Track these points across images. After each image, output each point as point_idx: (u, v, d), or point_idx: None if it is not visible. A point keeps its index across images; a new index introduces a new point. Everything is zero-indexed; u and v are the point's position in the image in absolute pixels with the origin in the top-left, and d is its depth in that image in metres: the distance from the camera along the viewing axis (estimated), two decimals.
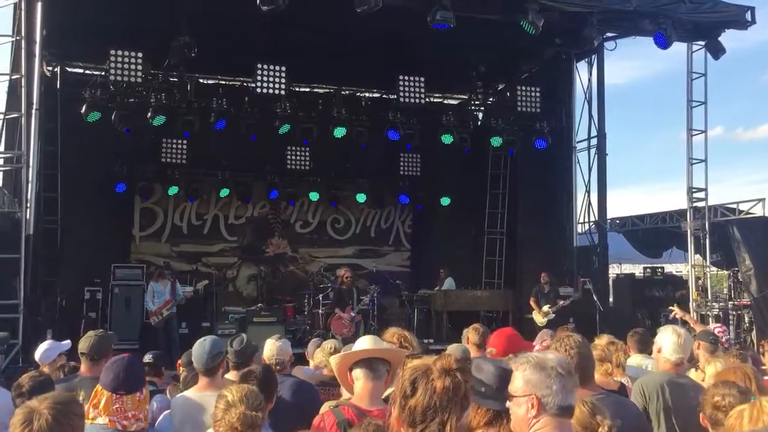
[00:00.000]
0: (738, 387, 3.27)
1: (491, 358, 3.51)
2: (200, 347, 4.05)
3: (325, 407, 3.15)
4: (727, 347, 6.13)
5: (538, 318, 12.47)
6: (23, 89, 10.15)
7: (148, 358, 5.45)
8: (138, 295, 12.88)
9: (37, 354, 5.33)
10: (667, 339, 4.32)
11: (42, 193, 11.82)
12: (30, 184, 10.32)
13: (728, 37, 11.43)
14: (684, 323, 7.94)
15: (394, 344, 3.63)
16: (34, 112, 10.46)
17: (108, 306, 12.91)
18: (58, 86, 13.18)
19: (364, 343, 3.20)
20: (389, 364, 3.04)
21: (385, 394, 3.01)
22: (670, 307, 7.75)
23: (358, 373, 3.04)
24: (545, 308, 12.43)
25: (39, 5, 10.52)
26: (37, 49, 10.64)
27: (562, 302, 12.28)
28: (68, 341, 5.46)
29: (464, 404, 2.18)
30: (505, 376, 2.69)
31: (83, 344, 4.47)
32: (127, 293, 13.01)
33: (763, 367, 4.81)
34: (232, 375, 4.27)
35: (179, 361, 5.80)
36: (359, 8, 9.23)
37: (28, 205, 10.23)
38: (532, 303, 12.74)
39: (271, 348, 4.73)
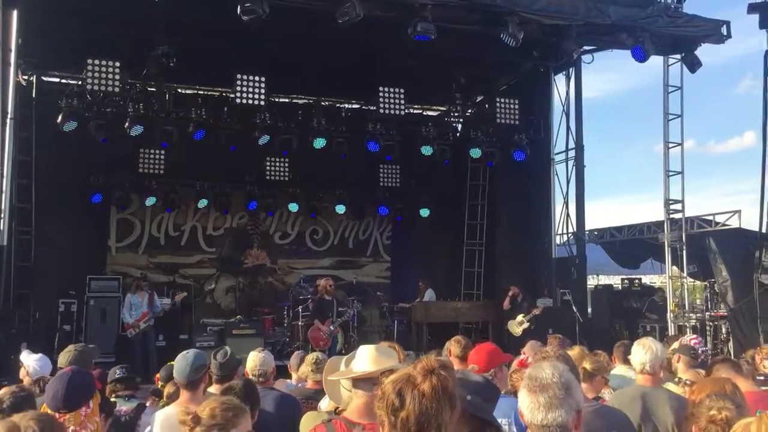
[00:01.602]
0: (734, 400, 3.23)
1: (475, 373, 3.48)
2: (183, 359, 3.97)
3: (314, 419, 3.08)
4: (704, 359, 6.14)
5: (514, 329, 12.55)
6: None
7: (119, 372, 5.30)
8: (114, 307, 12.73)
9: (32, 366, 5.18)
10: (636, 353, 4.34)
11: (16, 203, 11.63)
12: (4, 195, 10.17)
13: (700, 51, 11.61)
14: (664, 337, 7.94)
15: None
16: (8, 121, 10.33)
17: (83, 318, 12.74)
18: (33, 95, 13.02)
19: (366, 360, 3.02)
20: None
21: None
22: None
23: (356, 390, 2.95)
24: (519, 318, 12.53)
25: (15, 13, 10.40)
26: (12, 57, 10.52)
27: (535, 311, 12.38)
28: (41, 355, 5.32)
29: (453, 403, 2.13)
30: (490, 388, 2.66)
31: (63, 359, 4.35)
32: (103, 305, 12.86)
33: (760, 377, 4.80)
34: (214, 389, 4.20)
35: (157, 375, 5.70)
36: (340, 19, 9.24)
37: (2, 215, 10.08)
38: (506, 303, 12.82)
39: (254, 359, 4.66)
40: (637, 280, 15.95)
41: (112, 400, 4.70)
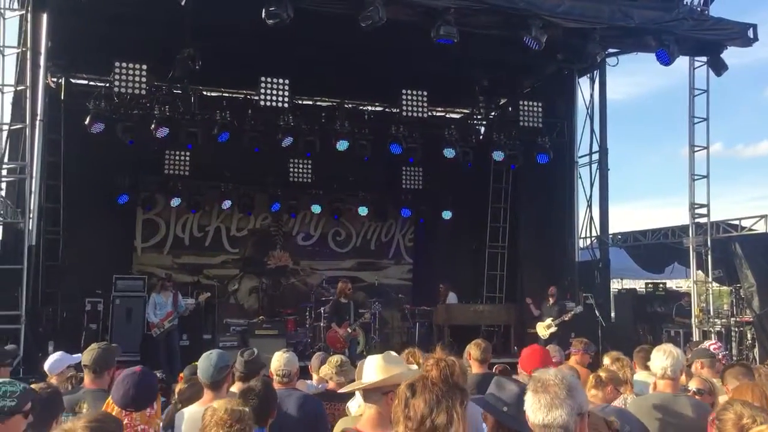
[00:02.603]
0: (764, 409, 3.12)
1: (510, 378, 3.48)
2: (206, 360, 4.04)
3: (346, 424, 3.13)
4: (725, 363, 6.08)
5: (542, 331, 12.52)
6: (28, 100, 10.19)
7: (160, 375, 5.44)
8: (139, 306, 12.87)
9: (46, 364, 5.30)
10: (656, 359, 4.30)
11: (44, 203, 11.83)
12: (33, 195, 10.33)
13: (727, 54, 11.48)
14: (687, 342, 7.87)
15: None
16: (38, 123, 10.49)
17: (109, 317, 12.90)
18: (62, 97, 13.23)
19: (374, 370, 3.00)
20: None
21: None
22: None
23: (366, 401, 2.99)
24: (548, 321, 12.49)
25: (45, 17, 10.58)
26: (42, 60, 10.68)
27: (564, 316, 12.32)
28: (79, 354, 5.43)
29: (462, 390, 2.19)
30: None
31: (86, 357, 4.45)
32: (129, 305, 12.99)
33: None
34: (236, 388, 4.26)
35: (181, 375, 5.79)
36: (363, 23, 9.28)
37: (31, 215, 10.24)
38: (531, 305, 12.80)
39: (279, 359, 4.72)
40: (661, 285, 15.82)
41: None
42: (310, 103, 15.19)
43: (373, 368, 3.00)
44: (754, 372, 4.68)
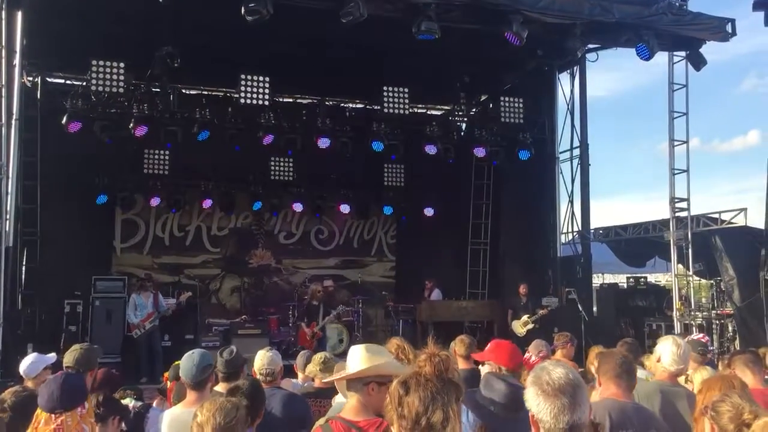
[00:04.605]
0: (752, 401, 3.06)
1: (501, 375, 3.45)
2: (189, 360, 3.98)
3: (316, 426, 3.11)
4: (711, 357, 6.13)
5: (518, 329, 12.57)
6: (3, 99, 10.02)
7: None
8: (119, 307, 12.72)
9: (22, 367, 5.20)
10: (667, 349, 4.33)
11: (21, 204, 11.65)
12: (9, 196, 10.18)
13: (704, 49, 11.55)
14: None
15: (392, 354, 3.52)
16: (13, 122, 10.34)
17: (89, 319, 12.74)
18: (38, 96, 13.03)
19: (357, 360, 3.04)
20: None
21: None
22: None
23: (349, 391, 3.01)
24: (524, 318, 12.56)
25: (19, 15, 10.42)
26: (17, 59, 10.52)
27: (541, 311, 12.40)
28: (53, 354, 5.34)
29: (456, 385, 2.14)
30: (516, 394, 2.63)
31: (69, 357, 4.38)
32: (108, 306, 12.83)
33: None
34: (221, 387, 4.20)
35: (165, 375, 5.73)
36: (344, 19, 9.23)
37: (7, 217, 10.09)
38: (509, 316, 12.91)
39: (262, 359, 4.67)
40: (642, 279, 15.92)
41: (123, 400, 4.80)
42: (291, 100, 15.09)
43: (357, 359, 3.03)
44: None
